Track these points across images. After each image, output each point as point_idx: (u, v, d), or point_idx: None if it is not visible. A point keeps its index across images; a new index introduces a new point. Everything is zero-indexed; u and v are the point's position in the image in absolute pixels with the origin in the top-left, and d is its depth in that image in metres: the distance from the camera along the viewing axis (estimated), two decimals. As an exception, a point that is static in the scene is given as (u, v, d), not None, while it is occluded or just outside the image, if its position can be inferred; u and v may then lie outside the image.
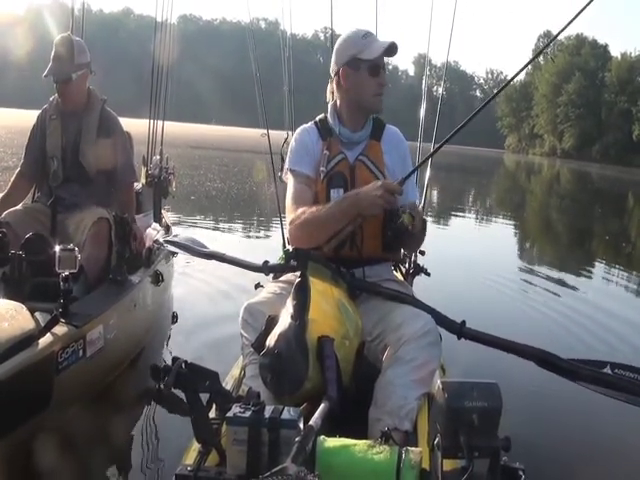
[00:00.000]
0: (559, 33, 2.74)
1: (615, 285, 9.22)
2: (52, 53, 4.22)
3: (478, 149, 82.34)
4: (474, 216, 18.63)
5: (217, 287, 6.31)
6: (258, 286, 3.18)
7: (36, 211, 4.18)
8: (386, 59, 2.85)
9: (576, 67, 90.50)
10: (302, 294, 2.20)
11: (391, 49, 2.77)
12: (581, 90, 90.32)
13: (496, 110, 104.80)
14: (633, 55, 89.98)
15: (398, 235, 2.58)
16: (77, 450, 3.06)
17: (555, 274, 9.40)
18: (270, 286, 2.74)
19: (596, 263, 11.75)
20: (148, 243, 4.53)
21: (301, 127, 2.95)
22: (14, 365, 2.64)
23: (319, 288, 2.27)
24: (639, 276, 10.50)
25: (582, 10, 2.49)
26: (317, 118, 2.93)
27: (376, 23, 4.98)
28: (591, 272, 10.41)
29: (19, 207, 4.18)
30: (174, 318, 5.34)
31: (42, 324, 2.91)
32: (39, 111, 4.46)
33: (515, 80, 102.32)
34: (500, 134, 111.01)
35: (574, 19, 2.55)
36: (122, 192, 4.49)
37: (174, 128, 7.15)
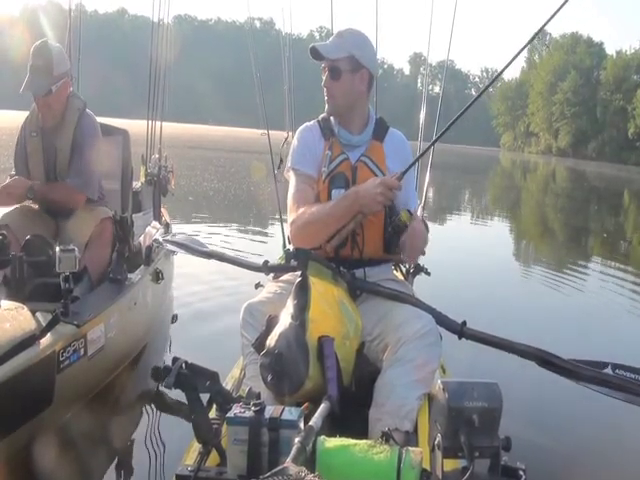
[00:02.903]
0: (547, 22, 2.74)
1: (617, 283, 9.20)
2: (29, 64, 3.95)
3: (474, 147, 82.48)
4: (473, 215, 18.63)
5: (217, 287, 6.31)
6: (258, 286, 3.19)
7: (35, 212, 4.16)
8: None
9: (571, 65, 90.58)
10: (302, 294, 2.20)
11: (312, 53, 2.76)
12: (576, 88, 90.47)
13: (491, 108, 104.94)
14: (628, 53, 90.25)
15: (397, 232, 2.58)
16: (78, 449, 3.10)
17: (556, 273, 9.42)
18: (270, 286, 2.74)
19: (596, 261, 11.77)
20: (148, 241, 4.53)
21: (304, 125, 2.93)
22: (16, 365, 2.66)
23: (319, 288, 2.27)
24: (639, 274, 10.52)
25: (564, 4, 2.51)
26: (320, 117, 2.90)
27: (376, 24, 4.96)
28: (592, 270, 10.42)
29: (17, 207, 4.15)
30: (174, 318, 5.35)
31: (43, 324, 2.93)
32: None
33: (510, 78, 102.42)
34: (495, 132, 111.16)
35: (560, 7, 2.57)
36: (60, 189, 4.07)
37: (171, 129, 7.15)
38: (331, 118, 2.85)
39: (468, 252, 10.36)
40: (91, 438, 3.24)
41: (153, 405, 3.83)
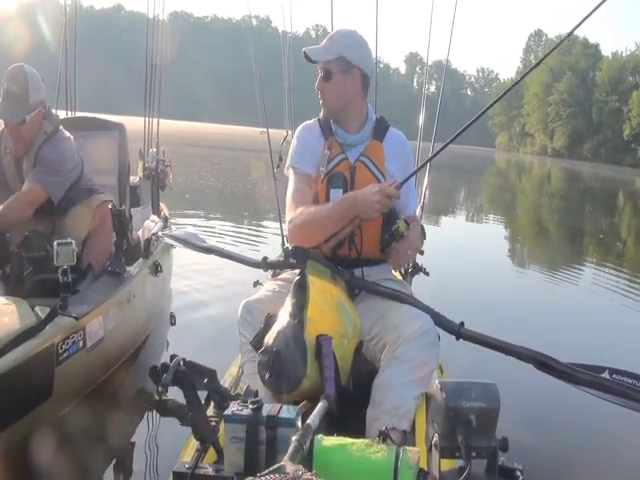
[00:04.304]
0: (562, 40, 2.75)
1: (614, 285, 9.25)
2: (3, 87, 3.76)
3: (469, 147, 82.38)
4: (470, 215, 18.70)
5: (215, 284, 6.33)
6: (257, 284, 3.19)
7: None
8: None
9: (567, 66, 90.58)
10: (301, 292, 2.21)
11: (305, 57, 2.78)
12: (572, 89, 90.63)
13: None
14: (624, 55, 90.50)
15: (393, 240, 2.58)
16: (76, 444, 3.11)
17: (554, 273, 9.48)
18: (269, 284, 2.74)
19: (593, 262, 11.83)
20: (146, 235, 4.53)
21: (304, 124, 2.93)
22: (15, 357, 2.68)
23: (318, 287, 2.27)
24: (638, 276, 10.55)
25: (588, 16, 2.49)
26: (320, 115, 2.89)
27: (376, 23, 4.96)
28: (589, 271, 10.50)
29: None
30: (172, 319, 5.36)
31: (42, 317, 2.94)
32: None
33: (506, 79, 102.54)
34: (491, 133, 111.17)
35: (578, 25, 2.56)
36: (23, 188, 3.85)
37: (167, 126, 7.16)
38: None
39: (466, 252, 10.41)
40: (89, 433, 3.25)
41: (151, 402, 3.82)
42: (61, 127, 4.07)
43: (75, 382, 3.32)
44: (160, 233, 3.73)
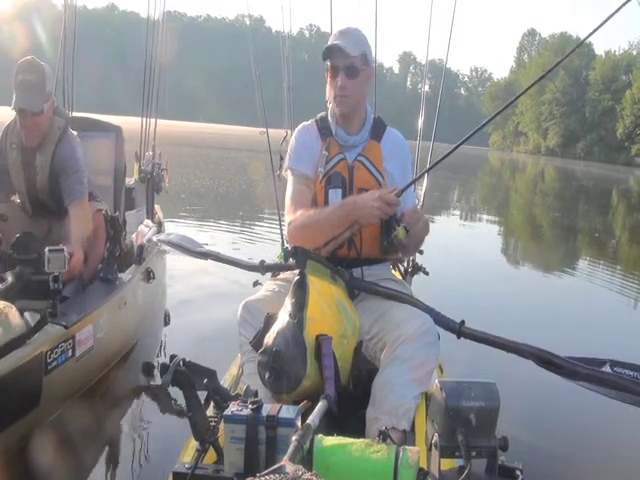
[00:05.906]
0: (575, 48, 2.74)
1: (610, 280, 9.31)
2: (17, 79, 3.70)
3: (463, 146, 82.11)
4: (467, 214, 18.69)
5: (214, 284, 6.31)
6: (257, 284, 3.18)
7: (26, 212, 4.12)
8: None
9: (560, 65, 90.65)
10: (301, 292, 2.21)
11: (328, 52, 2.70)
12: (565, 88, 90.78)
13: (480, 108, 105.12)
14: (617, 54, 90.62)
15: (393, 247, 2.58)
16: (70, 448, 3.07)
17: (553, 272, 9.52)
18: (269, 284, 2.74)
19: (590, 260, 11.89)
20: (140, 240, 4.50)
21: (301, 125, 2.92)
22: (2, 367, 2.65)
23: (318, 287, 2.27)
24: (637, 274, 10.58)
25: (603, 22, 2.48)
26: (318, 116, 2.89)
27: (375, 21, 4.95)
28: (586, 268, 10.56)
29: (7, 207, 4.13)
30: (167, 319, 5.35)
31: (31, 324, 2.91)
32: None
33: (499, 78, 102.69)
34: (484, 131, 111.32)
35: (593, 32, 2.55)
36: (71, 208, 3.90)
37: (163, 126, 7.15)
38: (329, 118, 2.83)
39: (465, 251, 10.43)
40: (86, 435, 3.23)
41: (150, 402, 3.82)
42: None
43: (63, 391, 3.30)
44: (155, 238, 3.69)
